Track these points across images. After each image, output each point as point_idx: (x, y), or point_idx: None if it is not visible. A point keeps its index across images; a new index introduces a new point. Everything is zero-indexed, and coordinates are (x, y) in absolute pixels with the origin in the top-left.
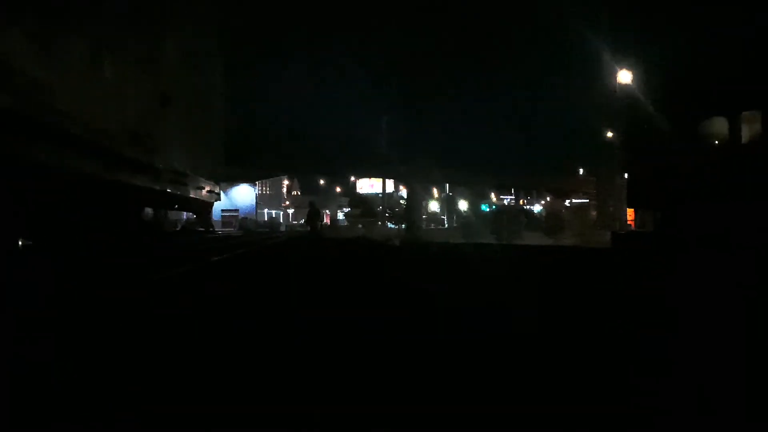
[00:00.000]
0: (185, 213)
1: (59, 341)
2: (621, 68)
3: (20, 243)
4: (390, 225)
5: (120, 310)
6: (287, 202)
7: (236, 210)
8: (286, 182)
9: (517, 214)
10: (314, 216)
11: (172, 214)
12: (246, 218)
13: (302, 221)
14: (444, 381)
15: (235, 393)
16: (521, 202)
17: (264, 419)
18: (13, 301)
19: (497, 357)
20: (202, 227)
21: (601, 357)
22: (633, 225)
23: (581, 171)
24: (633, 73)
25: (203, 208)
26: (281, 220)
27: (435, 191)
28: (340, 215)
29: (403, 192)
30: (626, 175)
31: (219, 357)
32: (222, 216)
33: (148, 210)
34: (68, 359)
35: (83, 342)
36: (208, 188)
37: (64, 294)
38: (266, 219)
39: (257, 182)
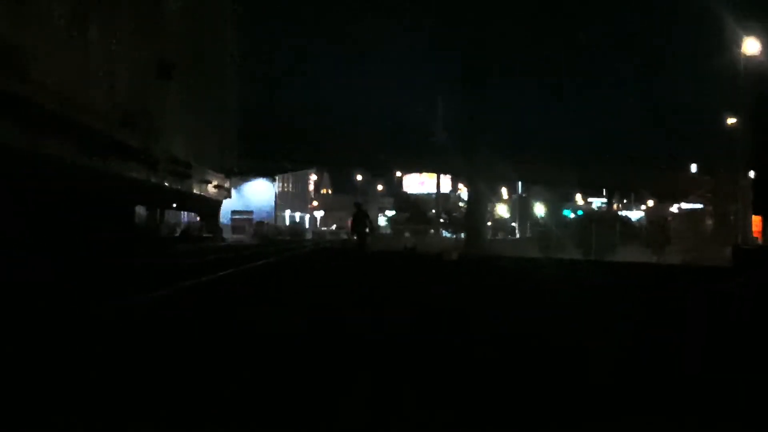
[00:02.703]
0: (185, 214)
1: None
2: (748, 35)
3: None
4: (445, 233)
5: None
6: (315, 203)
7: (250, 212)
8: (313, 177)
9: (610, 222)
10: (361, 221)
11: (171, 216)
12: (263, 223)
13: (333, 227)
14: None
15: None
16: (615, 206)
17: None
18: None
19: None
20: (208, 233)
21: None
22: (760, 238)
23: (693, 167)
24: (765, 41)
25: (210, 208)
26: (307, 225)
27: (504, 191)
28: (383, 220)
29: (463, 192)
30: (753, 173)
31: None
32: (232, 219)
33: (140, 209)
34: None
35: None
36: (215, 183)
37: None
38: (288, 224)
39: (277, 177)
